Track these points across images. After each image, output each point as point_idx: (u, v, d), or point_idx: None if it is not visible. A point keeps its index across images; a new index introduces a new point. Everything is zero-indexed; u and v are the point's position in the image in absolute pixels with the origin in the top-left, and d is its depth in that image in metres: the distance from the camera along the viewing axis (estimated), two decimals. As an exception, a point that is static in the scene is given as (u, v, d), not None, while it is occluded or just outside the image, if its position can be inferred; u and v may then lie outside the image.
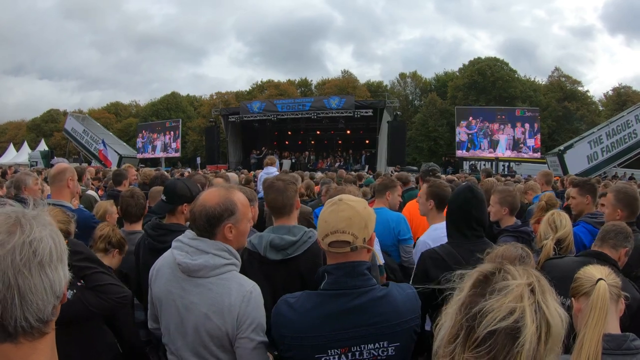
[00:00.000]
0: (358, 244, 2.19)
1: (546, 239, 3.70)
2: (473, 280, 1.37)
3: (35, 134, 62.89)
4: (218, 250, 2.47)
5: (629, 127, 29.09)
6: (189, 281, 2.46)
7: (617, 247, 3.20)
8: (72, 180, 4.60)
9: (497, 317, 1.24)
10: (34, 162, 35.85)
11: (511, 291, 1.29)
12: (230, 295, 2.38)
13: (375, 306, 2.21)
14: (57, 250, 1.27)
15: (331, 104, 31.77)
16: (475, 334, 1.26)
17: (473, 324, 1.27)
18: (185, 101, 65.33)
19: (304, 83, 66.33)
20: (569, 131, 44.91)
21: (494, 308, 1.26)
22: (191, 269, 2.43)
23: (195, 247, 2.48)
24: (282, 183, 3.31)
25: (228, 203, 2.52)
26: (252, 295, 2.41)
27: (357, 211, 2.23)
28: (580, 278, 2.31)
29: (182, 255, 2.47)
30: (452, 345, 1.31)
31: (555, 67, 56.26)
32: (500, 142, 32.63)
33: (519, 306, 1.26)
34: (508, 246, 2.13)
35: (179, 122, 43.40)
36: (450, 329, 1.34)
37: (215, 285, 2.42)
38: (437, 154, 44.32)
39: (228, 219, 2.51)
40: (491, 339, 1.24)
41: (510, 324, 1.23)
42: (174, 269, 2.53)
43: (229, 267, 2.48)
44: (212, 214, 2.48)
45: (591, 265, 2.40)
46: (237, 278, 2.48)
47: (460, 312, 1.32)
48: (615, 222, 3.57)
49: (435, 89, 56.22)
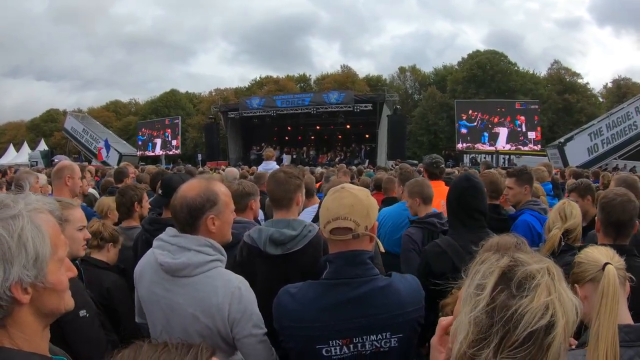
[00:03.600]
0: (360, 231, 2.17)
1: (556, 229, 3.61)
2: (495, 279, 1.30)
3: (35, 134, 62.82)
4: (201, 246, 2.38)
5: (629, 118, 29.01)
6: (173, 281, 2.38)
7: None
8: (71, 177, 4.59)
9: (535, 316, 1.20)
10: (34, 162, 35.79)
11: (538, 284, 1.25)
12: (217, 294, 2.32)
13: (377, 296, 2.18)
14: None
15: (330, 98, 31.74)
16: (513, 336, 1.21)
17: (509, 327, 1.22)
18: (184, 98, 65.22)
19: (303, 78, 66.22)
20: (569, 123, 44.81)
21: (530, 308, 1.21)
22: (174, 268, 2.35)
23: (177, 244, 2.40)
24: (284, 175, 3.24)
25: (209, 193, 2.44)
26: (241, 292, 2.35)
27: (360, 199, 2.21)
28: (583, 262, 2.18)
29: (164, 255, 2.39)
30: (479, 349, 1.24)
31: (555, 60, 56.32)
32: (500, 135, 32.60)
33: (550, 301, 1.22)
34: (502, 236, 2.10)
35: (178, 120, 43.39)
36: (476, 333, 1.26)
37: (201, 284, 2.34)
38: (437, 148, 44.19)
39: (210, 210, 2.43)
40: (530, 340, 1.20)
41: (547, 322, 1.20)
42: (156, 269, 2.44)
43: (214, 263, 2.40)
44: (193, 205, 2.40)
45: (592, 246, 2.29)
46: (223, 275, 2.41)
47: (489, 316, 1.25)
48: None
49: (435, 83, 56.13)
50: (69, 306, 1.48)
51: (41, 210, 1.40)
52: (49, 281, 1.36)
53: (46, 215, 1.41)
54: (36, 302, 1.36)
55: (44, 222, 1.38)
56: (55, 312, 1.45)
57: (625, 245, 3.06)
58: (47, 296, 1.38)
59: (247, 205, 4.07)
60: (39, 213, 1.38)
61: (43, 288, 1.36)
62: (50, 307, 1.41)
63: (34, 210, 1.38)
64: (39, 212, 1.39)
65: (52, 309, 1.42)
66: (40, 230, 1.34)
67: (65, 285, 1.46)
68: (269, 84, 61.79)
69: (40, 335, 1.42)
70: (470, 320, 1.29)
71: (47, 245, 1.35)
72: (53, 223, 1.43)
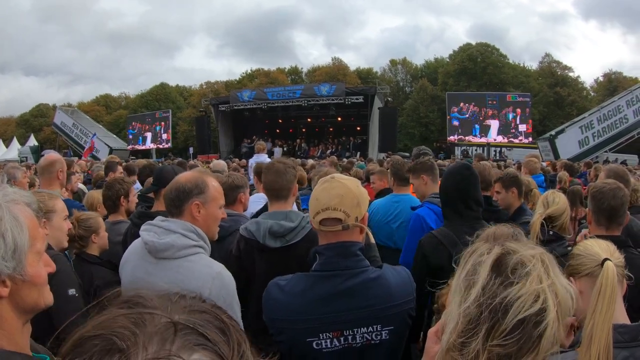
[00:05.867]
0: (350, 222, 2.14)
1: (537, 214, 3.56)
2: (488, 269, 1.29)
3: (25, 130, 62.21)
4: (186, 230, 2.48)
5: (620, 112, 29.26)
6: (155, 264, 2.48)
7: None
8: (62, 171, 4.58)
9: (524, 304, 1.20)
10: (23, 158, 35.47)
11: (530, 272, 1.24)
12: (197, 277, 2.39)
13: (368, 288, 2.16)
14: None
15: (321, 91, 31.62)
16: (502, 325, 1.21)
17: (498, 315, 1.22)
18: (174, 92, 64.75)
19: (295, 71, 65.96)
20: (560, 117, 44.97)
21: (519, 295, 1.21)
22: (158, 248, 2.44)
23: (164, 227, 2.51)
24: (283, 165, 3.26)
25: (199, 181, 2.58)
26: (222, 277, 2.44)
27: (350, 189, 2.17)
28: (581, 255, 2.10)
29: (150, 235, 2.49)
30: (467, 339, 1.24)
31: (546, 53, 56.43)
32: (492, 127, 32.71)
33: (541, 289, 1.22)
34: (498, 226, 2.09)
35: (169, 113, 43.24)
36: (465, 323, 1.26)
37: (182, 267, 2.43)
38: (429, 140, 44.24)
39: (197, 197, 2.54)
40: (520, 327, 1.20)
41: (538, 309, 1.20)
42: (141, 254, 2.55)
43: (196, 249, 2.49)
44: (182, 188, 2.54)
45: (592, 239, 2.22)
46: (204, 260, 2.51)
47: (478, 306, 1.25)
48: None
49: (426, 75, 56.15)
50: (49, 301, 1.46)
51: (18, 202, 1.38)
52: (28, 273, 1.34)
53: (23, 207, 1.39)
54: (15, 296, 1.33)
55: (21, 213, 1.34)
56: (35, 307, 1.42)
57: (619, 236, 3.04)
58: (26, 290, 1.36)
59: (237, 198, 4.08)
60: (16, 204, 1.36)
61: (22, 281, 1.33)
62: (30, 302, 1.39)
63: (12, 201, 1.35)
64: (16, 203, 1.36)
65: (31, 303, 1.39)
66: (19, 221, 1.32)
67: (44, 279, 1.43)
68: (260, 76, 61.51)
69: (21, 332, 1.39)
70: (460, 310, 1.29)
71: (26, 236, 1.33)
72: (30, 215, 1.40)
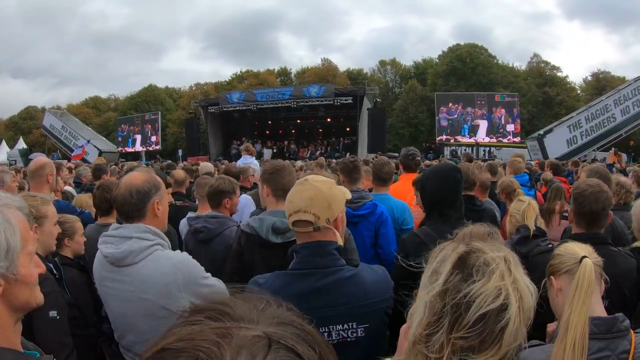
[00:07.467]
0: (321, 224, 2.18)
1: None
2: (450, 265, 1.34)
3: (14, 132, 61.46)
4: (140, 232, 2.50)
5: (607, 111, 29.37)
6: (120, 272, 2.48)
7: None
8: (52, 175, 4.58)
9: (486, 300, 1.24)
10: (12, 161, 35.15)
11: (493, 271, 1.29)
12: (163, 272, 2.42)
13: (343, 286, 2.20)
14: None
15: (311, 92, 31.75)
16: (464, 319, 1.25)
17: (460, 310, 1.26)
18: (163, 93, 64.26)
19: (284, 72, 65.76)
20: (549, 116, 45.14)
21: (482, 291, 1.26)
22: (118, 257, 2.45)
23: (119, 235, 2.51)
24: (289, 167, 3.34)
25: (153, 180, 2.62)
26: (184, 262, 2.51)
27: (320, 191, 2.21)
28: (561, 255, 2.18)
29: (107, 247, 2.51)
30: (432, 331, 1.29)
31: (535, 53, 56.57)
32: (480, 127, 32.89)
33: (503, 285, 1.26)
34: (475, 225, 2.14)
35: (158, 115, 43.08)
36: (430, 316, 1.31)
37: (145, 268, 2.45)
38: (418, 140, 44.31)
39: (155, 195, 2.59)
40: (482, 321, 1.24)
41: (499, 305, 1.24)
42: (104, 265, 2.55)
43: (155, 247, 2.51)
44: (142, 190, 2.54)
45: (572, 241, 2.28)
46: (164, 254, 2.53)
47: (442, 299, 1.30)
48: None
49: (415, 76, 56.22)
50: (39, 300, 1.52)
51: (10, 206, 1.43)
52: (20, 273, 1.39)
53: (15, 211, 1.44)
54: (8, 295, 1.38)
55: (14, 217, 1.40)
56: (26, 306, 1.47)
57: (599, 233, 3.08)
58: (18, 289, 1.41)
59: (221, 203, 4.17)
60: (8, 208, 1.41)
61: (14, 280, 1.38)
62: (22, 301, 1.44)
63: (4, 205, 1.41)
64: (9, 207, 1.42)
65: (23, 302, 1.45)
66: (11, 223, 1.37)
67: (35, 279, 1.49)
68: (249, 77, 61.24)
69: (12, 329, 1.44)
70: (426, 303, 1.33)
71: (18, 238, 1.38)
72: (22, 219, 1.46)
